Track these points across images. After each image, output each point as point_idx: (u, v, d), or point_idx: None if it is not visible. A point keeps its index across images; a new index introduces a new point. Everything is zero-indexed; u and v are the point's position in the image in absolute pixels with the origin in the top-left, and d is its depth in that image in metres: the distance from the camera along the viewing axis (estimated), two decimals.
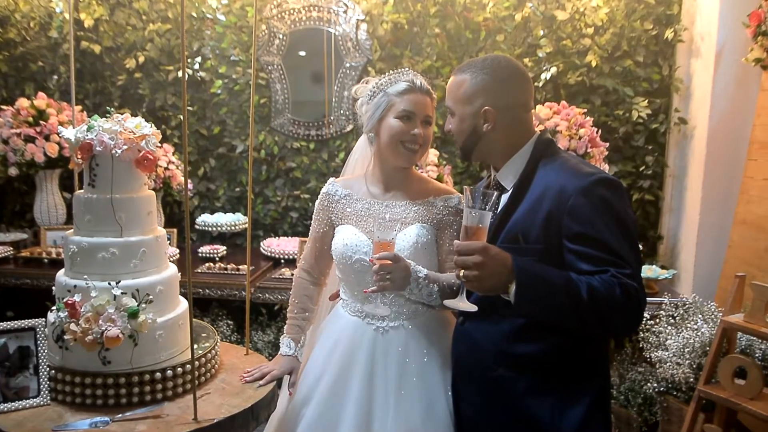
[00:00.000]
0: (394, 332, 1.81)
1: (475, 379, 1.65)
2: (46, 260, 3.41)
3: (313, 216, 1.98)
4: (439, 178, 3.40)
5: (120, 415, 1.67)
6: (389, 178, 1.88)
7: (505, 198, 1.62)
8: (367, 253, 1.78)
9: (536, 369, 1.56)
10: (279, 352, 1.97)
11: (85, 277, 1.79)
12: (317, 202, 1.97)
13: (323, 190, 1.96)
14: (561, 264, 1.48)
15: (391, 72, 1.86)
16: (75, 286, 1.79)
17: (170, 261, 3.13)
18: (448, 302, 1.59)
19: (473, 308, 1.51)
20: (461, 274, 1.42)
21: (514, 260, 1.42)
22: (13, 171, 3.52)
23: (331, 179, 1.99)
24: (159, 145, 3.66)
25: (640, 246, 3.28)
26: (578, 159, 1.63)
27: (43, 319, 1.82)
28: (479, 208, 1.45)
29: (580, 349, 1.56)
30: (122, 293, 1.77)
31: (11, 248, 3.55)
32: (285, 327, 2.00)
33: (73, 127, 1.91)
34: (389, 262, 1.65)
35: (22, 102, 3.57)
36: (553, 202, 1.49)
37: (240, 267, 3.35)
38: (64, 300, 1.76)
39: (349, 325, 1.85)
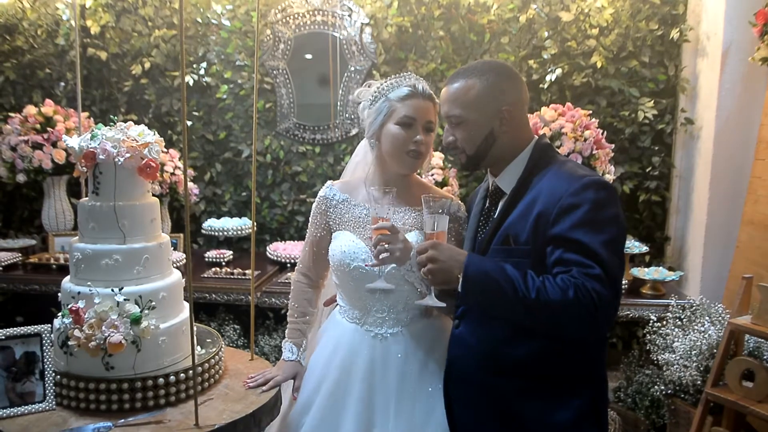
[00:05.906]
0: (392, 339, 1.80)
1: (468, 382, 1.66)
2: (54, 266, 3.43)
3: (310, 219, 1.96)
4: (445, 182, 3.39)
5: (122, 420, 1.68)
6: (389, 183, 1.83)
7: (502, 202, 1.64)
8: (365, 260, 1.76)
9: (527, 372, 1.57)
10: (282, 357, 1.97)
11: (89, 283, 1.80)
12: (314, 205, 1.95)
13: (320, 193, 1.94)
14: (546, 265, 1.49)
15: (393, 76, 1.82)
16: (79, 293, 1.80)
17: (177, 266, 3.16)
18: (418, 301, 1.71)
19: (441, 304, 1.61)
20: (422, 271, 1.55)
21: (468, 255, 1.52)
22: (21, 178, 3.55)
23: (329, 182, 1.96)
24: (165, 150, 3.67)
25: (647, 248, 3.32)
26: (574, 163, 1.62)
27: (49, 325, 1.84)
28: (430, 213, 1.59)
29: (571, 354, 1.56)
30: (125, 300, 1.77)
31: (20, 254, 3.58)
32: (286, 331, 2.00)
33: (79, 135, 1.92)
34: (387, 231, 1.62)
35: (30, 109, 3.60)
36: (544, 204, 1.50)
37: (246, 271, 3.36)
38: (69, 306, 1.77)
39: (348, 332, 1.85)
